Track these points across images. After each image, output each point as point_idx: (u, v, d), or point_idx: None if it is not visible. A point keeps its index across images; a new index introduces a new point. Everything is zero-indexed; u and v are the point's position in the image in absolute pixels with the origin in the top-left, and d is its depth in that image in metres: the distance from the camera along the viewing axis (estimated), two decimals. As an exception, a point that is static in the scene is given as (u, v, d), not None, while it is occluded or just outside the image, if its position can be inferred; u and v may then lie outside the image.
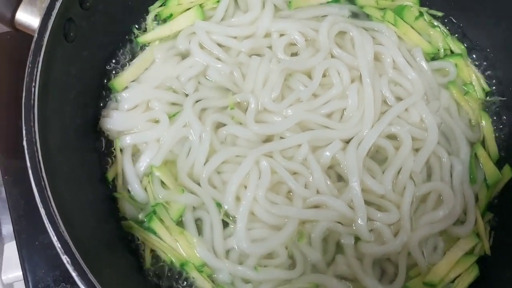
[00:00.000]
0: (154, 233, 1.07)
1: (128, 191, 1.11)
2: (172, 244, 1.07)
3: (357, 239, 1.15)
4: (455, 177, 1.22)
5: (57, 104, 0.99)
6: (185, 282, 1.07)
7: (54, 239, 0.80)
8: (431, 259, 1.16)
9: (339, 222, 1.15)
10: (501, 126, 1.30)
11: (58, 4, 0.95)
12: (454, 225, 1.18)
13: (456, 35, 1.36)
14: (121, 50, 1.22)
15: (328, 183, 1.17)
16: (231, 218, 1.12)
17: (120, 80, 1.17)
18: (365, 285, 1.11)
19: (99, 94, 1.16)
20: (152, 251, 1.08)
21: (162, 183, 1.12)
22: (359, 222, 1.14)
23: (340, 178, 1.21)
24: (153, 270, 1.07)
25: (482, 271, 1.14)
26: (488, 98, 1.30)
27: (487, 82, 1.32)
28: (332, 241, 1.15)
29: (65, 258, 0.79)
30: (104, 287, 0.82)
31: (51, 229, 0.79)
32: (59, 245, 0.79)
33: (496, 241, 1.19)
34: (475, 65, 1.33)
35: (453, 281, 1.14)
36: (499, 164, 1.26)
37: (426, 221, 1.17)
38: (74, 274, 0.79)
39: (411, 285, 1.13)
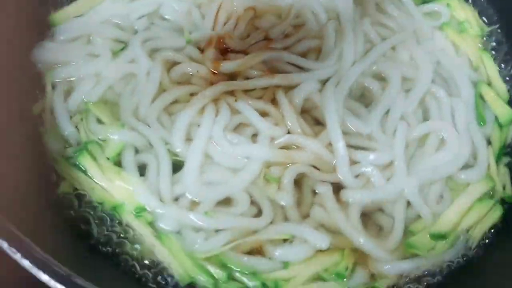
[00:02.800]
0: (83, 171, 0.86)
1: (58, 129, 0.92)
2: (104, 184, 0.86)
3: (340, 188, 0.93)
4: (458, 118, 1.01)
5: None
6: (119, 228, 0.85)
7: None
8: (437, 210, 0.92)
9: (315, 167, 0.93)
10: (509, 66, 1.10)
11: None
12: (462, 170, 0.95)
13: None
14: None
15: (302, 124, 0.97)
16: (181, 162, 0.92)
17: (61, 14, 1.04)
18: (350, 238, 0.86)
19: (35, 28, 1.02)
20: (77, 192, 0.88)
21: (99, 121, 0.93)
22: (340, 165, 0.92)
23: (317, 122, 1.01)
24: (76, 212, 0.86)
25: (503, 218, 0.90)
26: (487, 32, 1.13)
27: (485, 20, 1.16)
28: (308, 189, 0.93)
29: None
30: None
31: None
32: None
33: None
34: (471, 2, 1.18)
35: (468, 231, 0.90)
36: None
37: (426, 165, 0.95)
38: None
39: (415, 241, 0.88)
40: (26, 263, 0.53)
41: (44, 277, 0.53)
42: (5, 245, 0.55)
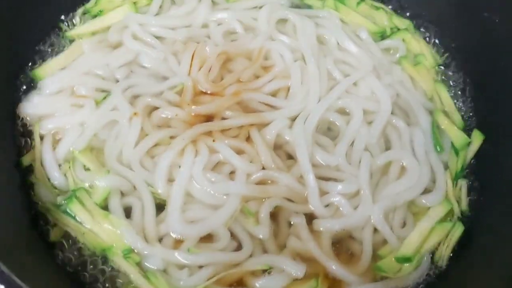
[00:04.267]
0: (73, 217, 0.92)
1: (47, 178, 0.99)
2: (94, 228, 0.92)
3: (312, 217, 1.01)
4: (417, 146, 1.10)
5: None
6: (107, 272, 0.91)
7: None
8: (402, 234, 1.00)
9: (289, 200, 1.01)
10: (461, 92, 1.22)
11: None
12: (423, 195, 1.04)
13: (401, 12, 1.33)
14: (48, 43, 1.17)
15: (276, 159, 1.05)
16: (165, 202, 0.99)
17: (44, 69, 1.11)
18: (323, 265, 0.94)
19: (21, 82, 1.09)
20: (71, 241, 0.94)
21: (86, 168, 1.00)
22: (311, 196, 1.00)
23: (289, 156, 1.09)
24: (69, 257, 0.92)
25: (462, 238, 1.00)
26: (440, 64, 1.25)
27: (438, 50, 1.28)
28: (283, 221, 1.00)
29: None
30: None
31: None
32: None
33: (477, 207, 1.06)
34: (424, 36, 1.29)
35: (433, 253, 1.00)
36: (468, 131, 1.16)
37: (389, 192, 1.04)
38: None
39: (382, 265, 0.97)
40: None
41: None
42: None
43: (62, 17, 1.20)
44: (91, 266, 0.91)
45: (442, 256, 0.99)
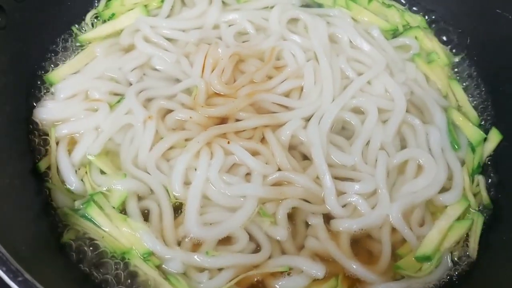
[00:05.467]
0: (91, 221, 0.92)
1: (63, 182, 0.99)
2: (112, 232, 0.92)
3: (330, 217, 1.00)
4: (433, 144, 1.10)
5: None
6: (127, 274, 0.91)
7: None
8: (420, 233, 1.00)
9: (306, 201, 1.01)
10: (476, 89, 1.21)
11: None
12: (440, 194, 1.04)
13: (414, 8, 1.33)
14: (60, 47, 1.17)
15: (291, 160, 1.05)
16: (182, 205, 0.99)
17: (57, 73, 1.10)
18: (343, 265, 0.94)
19: (34, 87, 1.09)
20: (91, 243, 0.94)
21: (103, 172, 1.00)
22: (328, 196, 1.00)
23: (305, 157, 1.09)
24: (90, 261, 0.92)
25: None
26: (453, 61, 1.24)
27: (451, 47, 1.27)
28: (301, 222, 1.00)
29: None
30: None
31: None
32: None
33: (496, 203, 1.05)
34: (437, 33, 1.29)
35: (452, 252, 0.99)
36: (484, 128, 1.15)
37: (407, 191, 1.03)
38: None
39: (402, 264, 0.96)
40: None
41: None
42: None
43: (74, 21, 1.20)
44: (112, 269, 0.91)
45: (473, 249, 0.99)
